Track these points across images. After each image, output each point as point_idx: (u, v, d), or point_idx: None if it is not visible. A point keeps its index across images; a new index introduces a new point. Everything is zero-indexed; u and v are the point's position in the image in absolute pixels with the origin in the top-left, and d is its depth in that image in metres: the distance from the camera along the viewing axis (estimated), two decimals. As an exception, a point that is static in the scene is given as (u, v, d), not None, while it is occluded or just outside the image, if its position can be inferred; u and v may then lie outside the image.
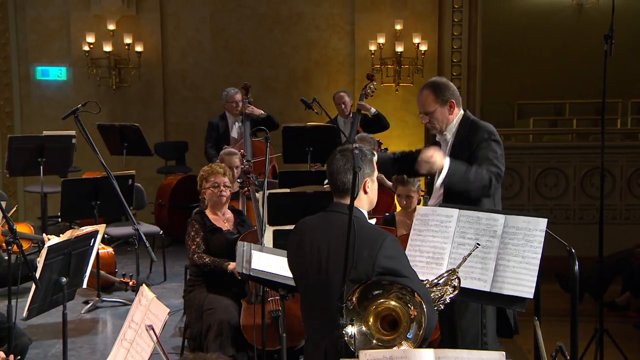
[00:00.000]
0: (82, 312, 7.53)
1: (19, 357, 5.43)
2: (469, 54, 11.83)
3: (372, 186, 3.81)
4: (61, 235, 5.03)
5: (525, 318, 6.00)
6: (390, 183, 7.08)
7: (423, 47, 11.43)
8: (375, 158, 4.94)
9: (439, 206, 4.51)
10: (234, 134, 9.35)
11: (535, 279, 4.07)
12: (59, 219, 7.84)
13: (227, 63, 11.72)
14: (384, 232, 3.66)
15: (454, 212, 4.36)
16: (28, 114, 11.92)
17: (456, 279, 3.96)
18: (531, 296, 4.07)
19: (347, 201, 3.62)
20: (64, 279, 4.88)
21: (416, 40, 11.40)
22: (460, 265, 4.08)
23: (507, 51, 14.05)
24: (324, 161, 8.22)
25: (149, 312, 3.84)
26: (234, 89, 9.41)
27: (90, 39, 11.35)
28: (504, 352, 3.34)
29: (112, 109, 11.63)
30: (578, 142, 12.33)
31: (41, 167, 8.40)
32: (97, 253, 7.54)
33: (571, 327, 4.94)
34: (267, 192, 6.23)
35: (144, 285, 4.09)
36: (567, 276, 9.42)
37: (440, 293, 3.92)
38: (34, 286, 4.70)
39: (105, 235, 8.62)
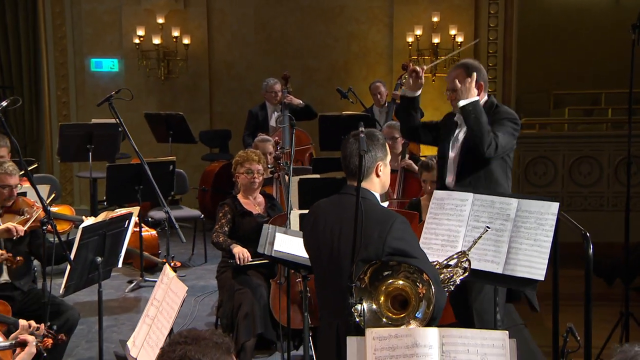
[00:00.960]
0: (126, 290, 7.63)
1: (68, 330, 5.56)
2: (504, 45, 11.69)
3: (384, 170, 3.76)
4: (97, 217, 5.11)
5: (547, 302, 5.96)
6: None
7: (459, 39, 11.32)
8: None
9: (454, 190, 4.48)
10: (273, 122, 9.35)
11: (546, 261, 4.02)
12: (105, 203, 7.92)
13: (270, 55, 11.74)
14: (394, 215, 3.64)
15: (469, 196, 4.32)
16: (83, 103, 12.08)
17: (467, 261, 3.92)
18: (542, 278, 4.02)
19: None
20: (99, 259, 4.95)
21: (452, 32, 11.30)
22: (471, 247, 4.04)
23: (543, 41, 13.81)
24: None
25: (170, 290, 3.88)
26: (273, 79, 9.41)
27: (141, 32, 11.47)
28: (507, 332, 3.32)
29: (161, 99, 11.77)
30: (612, 131, 12.11)
31: (90, 153, 8.50)
32: (141, 235, 7.66)
33: (585, 310, 4.86)
34: (297, 178, 6.26)
35: (166, 265, 4.13)
36: (599, 263, 9.32)
37: (450, 274, 3.88)
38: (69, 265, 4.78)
39: (149, 219, 8.73)
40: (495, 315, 4.54)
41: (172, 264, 8.02)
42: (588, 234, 4.62)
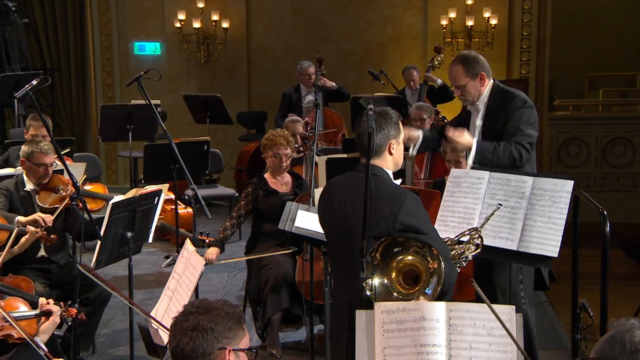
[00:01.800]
0: (163, 265, 7.71)
1: (101, 303, 5.64)
2: (538, 27, 11.46)
3: (397, 148, 3.71)
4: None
5: (565, 280, 5.87)
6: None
7: (493, 21, 11.15)
8: (420, 133, 4.87)
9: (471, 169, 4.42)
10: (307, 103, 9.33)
11: (560, 238, 3.95)
12: (142, 181, 7.98)
13: (306, 38, 11.69)
14: (405, 192, 3.59)
15: (485, 174, 4.26)
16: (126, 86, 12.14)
17: (479, 237, 3.86)
18: (556, 255, 3.95)
19: (373, 161, 3.59)
20: (129, 234, 4.99)
21: (486, 15, 11.13)
22: (483, 224, 3.99)
23: (578, 23, 13.53)
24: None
25: (189, 263, 3.89)
26: (307, 62, 9.37)
27: (182, 16, 11.51)
28: (513, 306, 3.27)
29: (201, 82, 11.81)
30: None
31: (129, 133, 8.56)
32: (177, 212, 7.71)
33: (601, 288, 4.75)
34: (325, 157, 6.24)
35: (187, 240, 4.14)
36: (630, 243, 9.19)
37: (462, 250, 3.83)
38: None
39: (186, 197, 8.76)
40: (519, 292, 4.49)
41: (206, 241, 8.08)
42: (605, 212, 4.52)
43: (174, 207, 7.83)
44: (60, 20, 12.22)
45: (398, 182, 3.73)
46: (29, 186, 5.46)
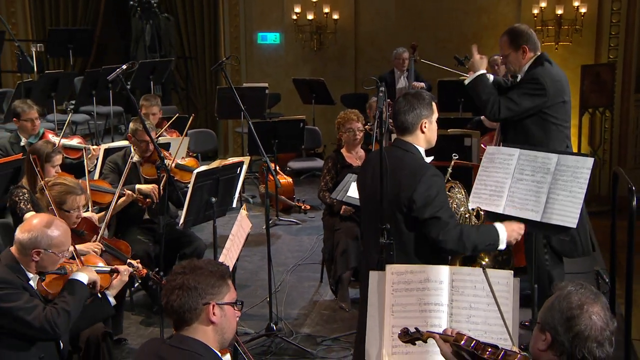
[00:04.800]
0: (263, 227, 7.85)
1: (197, 257, 5.85)
2: (627, 15, 10.84)
3: (429, 127, 3.66)
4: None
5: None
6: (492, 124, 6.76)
7: (583, 9, 10.64)
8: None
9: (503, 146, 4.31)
10: (400, 85, 9.27)
11: (579, 210, 3.82)
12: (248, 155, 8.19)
13: (407, 27, 11.54)
14: (428, 168, 3.56)
15: (516, 151, 4.15)
16: (251, 71, 12.44)
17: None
18: (574, 226, 3.84)
19: (406, 138, 3.63)
20: (214, 199, 5.13)
21: (576, 3, 10.64)
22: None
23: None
24: (475, 111, 8.00)
25: (240, 226, 3.99)
26: (402, 48, 9.44)
27: (298, 9, 11.64)
28: (512, 271, 3.21)
29: (314, 67, 11.92)
30: None
31: (241, 112, 8.73)
32: (276, 181, 7.86)
33: (610, 257, 4.52)
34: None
35: (243, 208, 4.24)
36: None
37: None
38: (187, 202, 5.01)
39: (288, 168, 8.94)
40: (543, 256, 4.38)
41: (302, 207, 8.22)
42: (634, 188, 4.29)
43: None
44: (197, 14, 12.60)
45: (430, 159, 3.67)
46: (136, 158, 5.73)
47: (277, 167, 8.42)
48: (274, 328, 5.21)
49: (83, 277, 3.70)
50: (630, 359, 4.35)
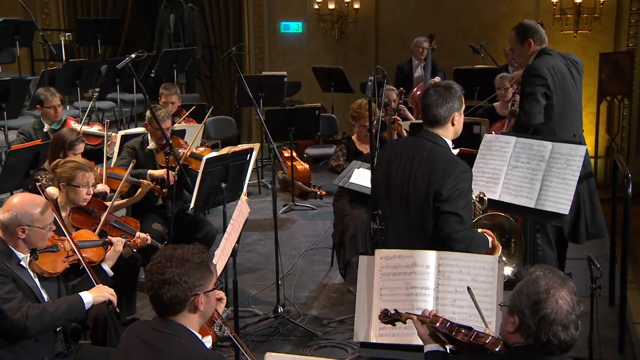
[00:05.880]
0: (279, 212, 7.92)
1: (208, 242, 5.93)
2: (647, 2, 10.65)
3: (459, 119, 3.64)
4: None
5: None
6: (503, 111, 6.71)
7: (602, -2, 10.48)
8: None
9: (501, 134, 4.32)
10: (417, 74, 9.24)
11: (571, 197, 3.83)
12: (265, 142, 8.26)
13: (427, 16, 11.45)
14: (458, 163, 3.54)
15: (512, 139, 4.19)
16: (274, 59, 12.47)
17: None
18: (567, 212, 3.86)
19: (435, 130, 3.62)
20: (224, 185, 5.19)
21: (596, -9, 10.48)
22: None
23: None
24: (491, 100, 7.94)
25: (240, 210, 4.04)
26: (422, 37, 9.33)
27: (319, -1, 11.64)
28: (497, 256, 3.22)
29: (336, 56, 11.91)
30: None
31: (260, 99, 8.81)
32: (292, 166, 7.92)
33: (610, 245, 4.50)
34: (408, 123, 6.20)
35: (244, 194, 4.29)
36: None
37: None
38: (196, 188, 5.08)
39: (305, 155, 8.98)
40: (536, 241, 4.38)
41: (318, 193, 8.28)
42: (630, 175, 4.26)
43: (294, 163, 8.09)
44: (222, 4, 12.66)
45: (456, 151, 3.68)
46: (152, 145, 5.81)
47: (295, 154, 8.47)
48: (281, 310, 5.27)
49: (87, 297, 3.61)
50: (624, 340, 4.35)
